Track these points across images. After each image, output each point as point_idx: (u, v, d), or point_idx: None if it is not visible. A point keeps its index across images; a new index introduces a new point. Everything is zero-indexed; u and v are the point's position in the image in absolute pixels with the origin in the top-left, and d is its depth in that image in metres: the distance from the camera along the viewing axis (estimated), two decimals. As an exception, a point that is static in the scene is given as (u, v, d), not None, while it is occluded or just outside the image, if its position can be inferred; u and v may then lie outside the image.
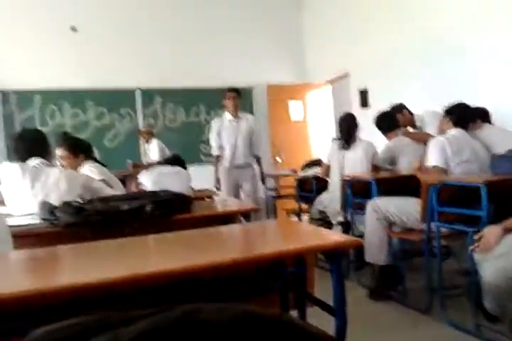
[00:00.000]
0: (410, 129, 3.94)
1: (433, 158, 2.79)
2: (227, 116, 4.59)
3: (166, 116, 6.48)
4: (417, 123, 3.96)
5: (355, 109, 5.71)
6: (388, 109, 3.90)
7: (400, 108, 3.96)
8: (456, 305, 2.60)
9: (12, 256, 1.49)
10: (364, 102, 5.79)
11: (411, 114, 3.99)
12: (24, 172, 2.24)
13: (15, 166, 2.29)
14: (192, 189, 3.34)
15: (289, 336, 0.51)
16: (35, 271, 1.25)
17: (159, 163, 4.25)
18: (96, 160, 3.20)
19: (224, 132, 4.55)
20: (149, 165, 4.53)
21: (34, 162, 2.31)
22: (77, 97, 6.06)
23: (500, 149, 2.79)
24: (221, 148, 4.55)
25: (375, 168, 3.63)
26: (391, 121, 3.73)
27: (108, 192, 2.37)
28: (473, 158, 2.81)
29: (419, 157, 3.24)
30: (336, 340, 0.54)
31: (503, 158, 2.59)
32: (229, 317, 0.51)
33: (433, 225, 2.57)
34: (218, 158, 4.56)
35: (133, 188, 3.29)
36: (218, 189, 4.45)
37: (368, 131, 4.03)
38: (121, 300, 1.22)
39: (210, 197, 3.39)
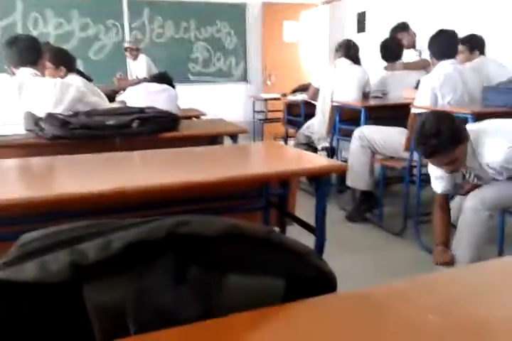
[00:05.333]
0: (411, 56, 3.83)
1: (420, 98, 2.72)
2: None
3: (154, 30, 6.17)
4: (417, 47, 3.86)
5: (351, 33, 5.50)
6: (390, 37, 3.75)
7: (404, 27, 3.83)
8: (430, 230, 2.74)
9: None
10: (361, 26, 5.56)
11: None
12: (12, 83, 2.16)
13: (4, 77, 2.20)
14: (179, 108, 3.29)
15: (275, 251, 0.54)
16: (23, 180, 1.25)
17: (146, 80, 4.12)
18: (81, 74, 3.07)
19: None
20: (136, 82, 4.40)
21: (25, 72, 2.22)
22: (62, 5, 5.69)
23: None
24: None
25: (366, 96, 3.60)
26: (392, 51, 3.63)
27: (106, 106, 2.33)
28: (466, 94, 2.75)
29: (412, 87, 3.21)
30: (313, 254, 0.56)
31: (493, 90, 2.57)
32: (217, 230, 0.52)
33: (416, 154, 2.61)
34: None
35: (116, 105, 3.21)
36: None
37: (362, 58, 3.92)
38: (108, 213, 1.25)
39: (197, 117, 3.36)
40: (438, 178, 2.13)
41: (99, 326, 0.47)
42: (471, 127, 2.00)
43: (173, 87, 3.30)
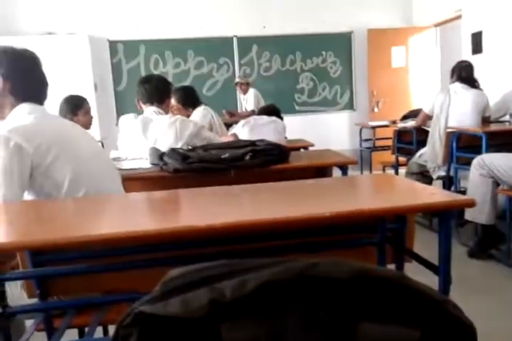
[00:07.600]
0: None
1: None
2: None
3: (262, 64, 6.45)
4: None
5: (466, 55, 5.23)
6: None
7: None
8: None
9: (128, 197, 1.63)
10: (477, 47, 5.27)
11: None
12: (137, 122, 2.40)
13: (130, 116, 2.48)
14: (286, 139, 3.36)
15: (408, 297, 0.52)
16: (152, 211, 1.36)
17: (254, 113, 4.29)
18: None
19: None
20: (245, 115, 4.61)
21: (149, 111, 2.48)
22: (179, 47, 6.24)
23: None
24: None
25: (486, 121, 3.37)
26: None
27: (218, 140, 2.50)
28: None
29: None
30: (450, 302, 0.53)
31: None
32: (346, 273, 0.52)
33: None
34: None
35: (228, 137, 3.40)
36: None
37: (480, 80, 3.69)
38: (226, 244, 1.30)
39: (305, 147, 3.39)
40: None
41: (235, 364, 0.49)
42: None
43: (281, 118, 3.39)
